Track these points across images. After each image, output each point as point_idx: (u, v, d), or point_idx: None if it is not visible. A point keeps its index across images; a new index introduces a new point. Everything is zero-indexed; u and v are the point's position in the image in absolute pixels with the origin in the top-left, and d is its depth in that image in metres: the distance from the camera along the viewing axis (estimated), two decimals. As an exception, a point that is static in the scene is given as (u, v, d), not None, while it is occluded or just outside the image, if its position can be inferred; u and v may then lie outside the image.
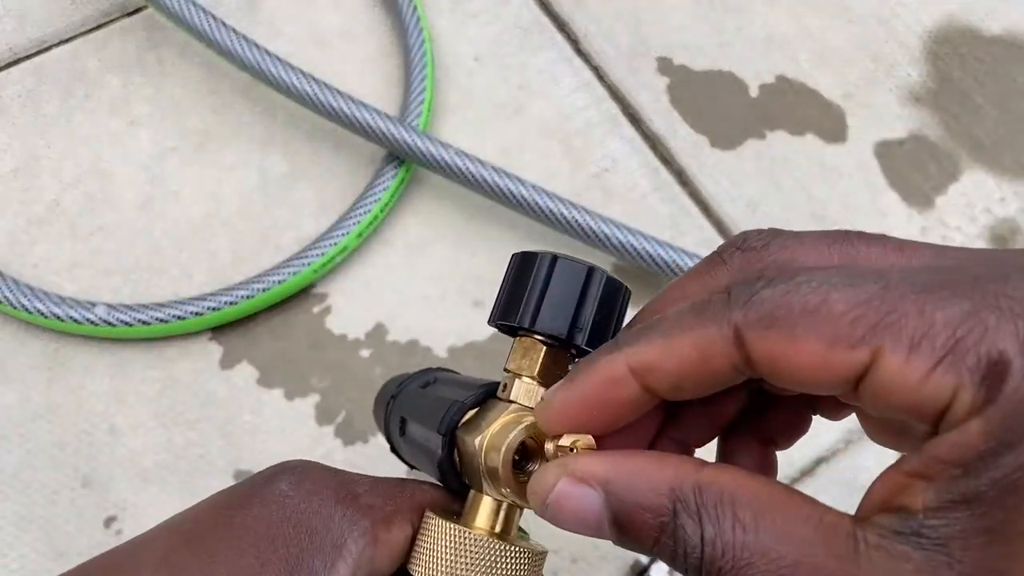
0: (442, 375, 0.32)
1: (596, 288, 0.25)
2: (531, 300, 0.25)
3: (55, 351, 0.52)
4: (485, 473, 0.25)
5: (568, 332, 0.25)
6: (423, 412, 0.29)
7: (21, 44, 0.61)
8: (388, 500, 0.26)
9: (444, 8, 0.62)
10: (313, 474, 0.27)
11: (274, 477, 0.27)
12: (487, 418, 0.25)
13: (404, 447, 0.31)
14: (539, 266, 0.25)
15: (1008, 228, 0.56)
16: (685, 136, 0.58)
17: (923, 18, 0.62)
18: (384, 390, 0.35)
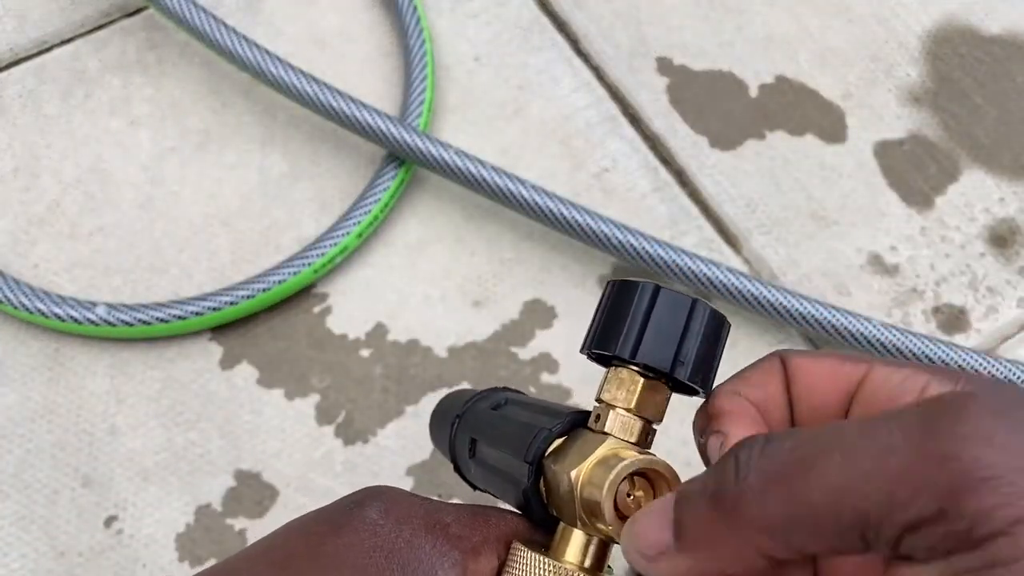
0: (513, 396, 0.32)
1: (700, 321, 0.25)
2: (632, 330, 0.25)
3: (55, 351, 0.52)
4: (581, 507, 0.24)
5: (671, 365, 0.24)
6: (501, 436, 0.28)
7: (21, 44, 0.61)
8: (475, 530, 0.26)
9: (444, 8, 0.63)
10: (402, 502, 0.26)
11: (363, 503, 0.26)
12: (580, 450, 0.25)
13: (474, 469, 0.30)
14: (640, 295, 0.25)
15: (1007, 228, 0.56)
16: (685, 136, 0.58)
17: (923, 18, 0.62)
18: (445, 407, 0.35)
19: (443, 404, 0.36)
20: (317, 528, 0.26)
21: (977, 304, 0.53)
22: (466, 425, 0.31)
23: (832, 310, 0.50)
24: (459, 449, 0.31)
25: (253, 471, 0.49)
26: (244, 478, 0.49)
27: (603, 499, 0.23)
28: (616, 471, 0.23)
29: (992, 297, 0.54)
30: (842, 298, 0.53)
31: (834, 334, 0.50)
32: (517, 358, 0.52)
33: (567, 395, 0.51)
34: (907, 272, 0.54)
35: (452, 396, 0.36)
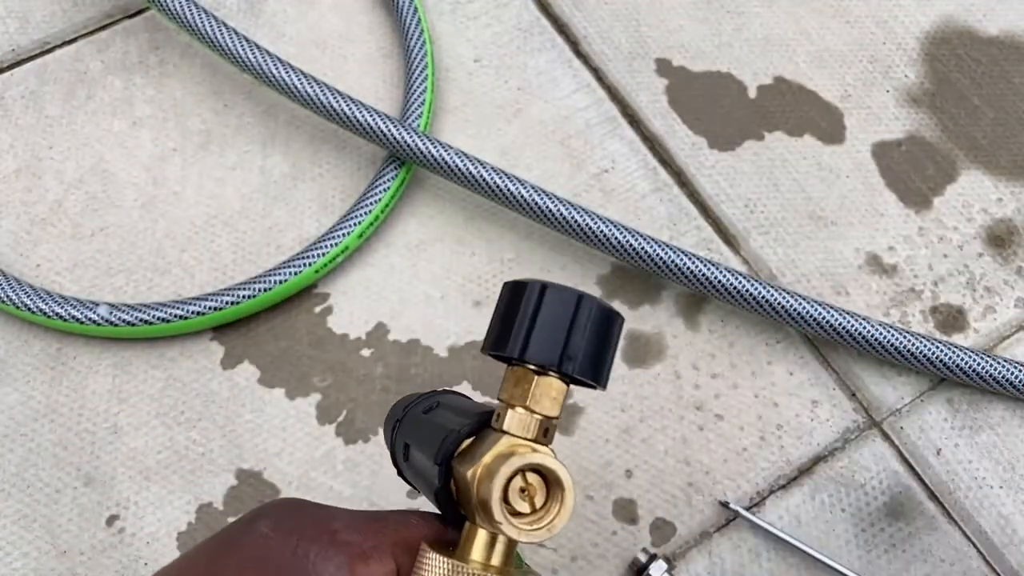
0: (446, 399, 0.32)
1: (586, 316, 0.25)
2: (521, 329, 0.25)
3: (58, 351, 0.52)
4: (477, 505, 0.25)
5: (559, 361, 0.25)
6: (424, 439, 0.29)
7: (24, 45, 0.61)
8: (367, 536, 0.27)
9: (444, 10, 0.63)
10: (294, 513, 0.28)
11: (254, 520, 0.28)
12: (481, 448, 0.25)
13: (408, 472, 0.31)
14: (528, 295, 0.25)
15: (1005, 228, 0.56)
16: (684, 137, 0.58)
17: (921, 20, 0.63)
18: (392, 412, 0.36)
19: (392, 409, 0.36)
20: (214, 548, 0.27)
21: (975, 304, 0.54)
22: (402, 430, 0.32)
23: (830, 310, 0.50)
24: (397, 453, 0.32)
25: (254, 470, 0.49)
26: (245, 477, 0.49)
27: (492, 496, 0.24)
28: (504, 467, 0.24)
29: (990, 297, 0.54)
30: (840, 298, 0.54)
31: (832, 334, 0.50)
32: (517, 358, 0.52)
33: (567, 394, 0.51)
34: (905, 272, 0.54)
35: (399, 402, 0.36)
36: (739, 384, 0.51)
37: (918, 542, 0.48)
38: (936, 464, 0.49)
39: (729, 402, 0.51)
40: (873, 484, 0.49)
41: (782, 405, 0.51)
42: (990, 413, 0.51)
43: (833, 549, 0.47)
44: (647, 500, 0.49)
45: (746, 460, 0.49)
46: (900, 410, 0.51)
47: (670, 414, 0.50)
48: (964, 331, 0.53)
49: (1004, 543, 0.48)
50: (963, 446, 0.50)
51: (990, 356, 0.49)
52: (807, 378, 0.51)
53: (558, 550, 0.47)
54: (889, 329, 0.50)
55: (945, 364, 0.49)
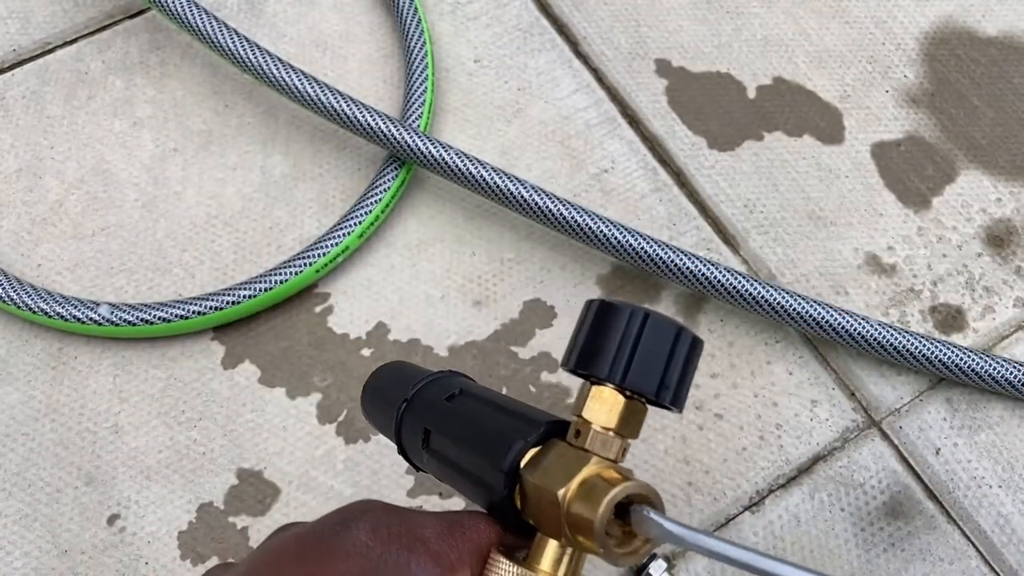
0: (464, 384, 0.32)
1: (684, 348, 0.26)
2: (622, 355, 0.26)
3: (59, 350, 0.52)
4: (567, 524, 0.25)
5: (656, 391, 0.26)
6: (467, 436, 0.29)
7: (25, 45, 0.61)
8: (453, 546, 0.27)
9: (444, 10, 0.63)
10: (386, 519, 0.27)
11: (348, 524, 0.27)
12: (563, 466, 0.26)
13: (427, 459, 0.31)
14: (631, 320, 0.26)
15: (1004, 228, 0.56)
16: (683, 137, 0.59)
17: (920, 20, 0.63)
18: (385, 384, 0.35)
19: (381, 380, 0.36)
20: (310, 554, 0.26)
21: (974, 304, 0.54)
22: (416, 413, 0.31)
23: (830, 310, 0.50)
24: (408, 436, 0.32)
25: (255, 469, 0.49)
26: (246, 476, 0.49)
27: (596, 522, 0.24)
28: (610, 497, 0.24)
29: (989, 297, 0.54)
30: (840, 298, 0.54)
31: (832, 334, 0.50)
32: (517, 357, 0.52)
33: (567, 394, 0.51)
34: (904, 272, 0.55)
35: (390, 373, 0.36)
36: (738, 384, 0.51)
37: (917, 541, 0.48)
38: (935, 463, 0.50)
39: (728, 401, 0.51)
40: (872, 483, 0.49)
41: (781, 405, 0.51)
42: (989, 413, 0.51)
43: (832, 548, 0.47)
44: (647, 499, 0.49)
45: (745, 459, 0.49)
46: (899, 410, 0.51)
47: (669, 414, 0.51)
48: (963, 331, 0.53)
49: (1003, 542, 0.48)
50: (962, 446, 0.50)
51: (989, 356, 0.50)
52: (806, 378, 0.52)
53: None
54: (888, 329, 0.50)
55: (944, 364, 0.49)
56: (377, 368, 0.37)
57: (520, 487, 0.27)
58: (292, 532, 0.28)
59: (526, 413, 0.29)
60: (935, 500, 0.49)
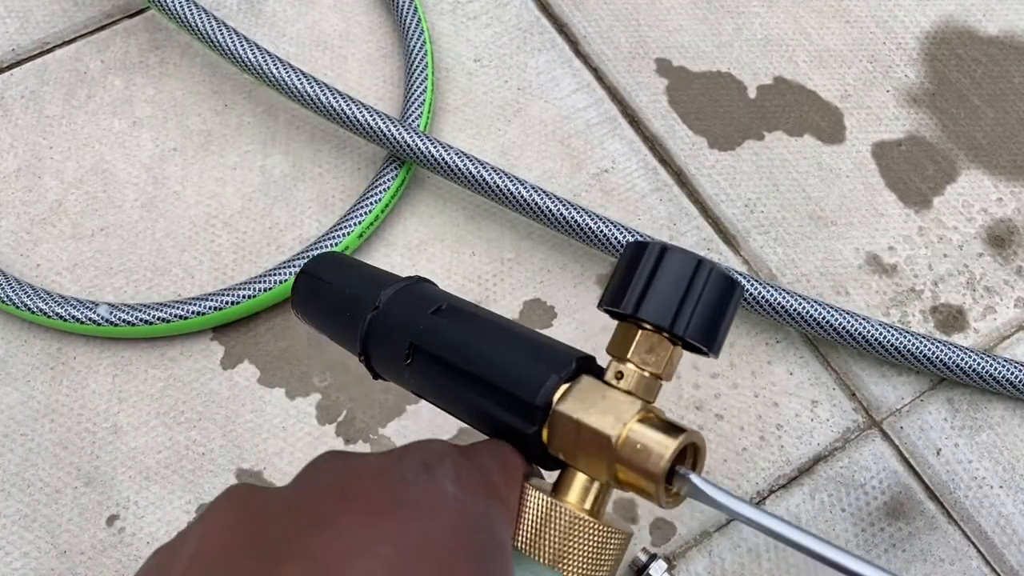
0: (442, 294, 0.31)
1: (703, 281, 0.26)
2: (636, 288, 0.26)
3: (58, 351, 0.52)
4: (618, 466, 0.26)
5: (671, 322, 0.26)
6: (471, 359, 0.28)
7: (24, 45, 0.61)
8: (513, 488, 0.26)
9: (444, 10, 0.63)
10: (463, 465, 0.24)
11: (433, 471, 0.23)
12: (609, 407, 0.26)
13: (409, 375, 0.29)
14: (648, 255, 0.27)
15: (1005, 228, 0.56)
16: (684, 137, 0.58)
17: (920, 19, 0.63)
18: (327, 279, 0.32)
19: (323, 274, 0.33)
20: (396, 507, 0.22)
21: (975, 304, 0.54)
22: (393, 324, 0.29)
23: (830, 310, 0.50)
24: (381, 348, 0.30)
25: (255, 470, 0.49)
26: (246, 477, 0.49)
27: (659, 471, 0.25)
28: (676, 446, 0.25)
29: (990, 297, 0.54)
30: (840, 298, 0.54)
31: (832, 334, 0.50)
32: (517, 357, 0.52)
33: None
34: (905, 272, 0.54)
35: (336, 268, 0.33)
36: (739, 384, 0.51)
37: (918, 542, 0.48)
38: (936, 464, 0.49)
39: (729, 402, 0.51)
40: (873, 484, 0.49)
41: (782, 405, 0.51)
42: (990, 413, 0.51)
43: (833, 549, 0.47)
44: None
45: (746, 460, 0.49)
46: (900, 410, 0.51)
47: (670, 414, 0.50)
48: (964, 331, 0.53)
49: (1004, 543, 0.48)
50: (963, 446, 0.50)
51: (990, 356, 0.49)
52: (807, 378, 0.51)
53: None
54: (889, 329, 0.50)
55: (945, 364, 0.49)
56: (314, 259, 0.34)
57: (550, 421, 0.26)
58: (354, 468, 0.23)
59: (538, 340, 0.29)
60: (936, 501, 0.49)
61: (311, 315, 0.33)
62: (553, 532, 0.26)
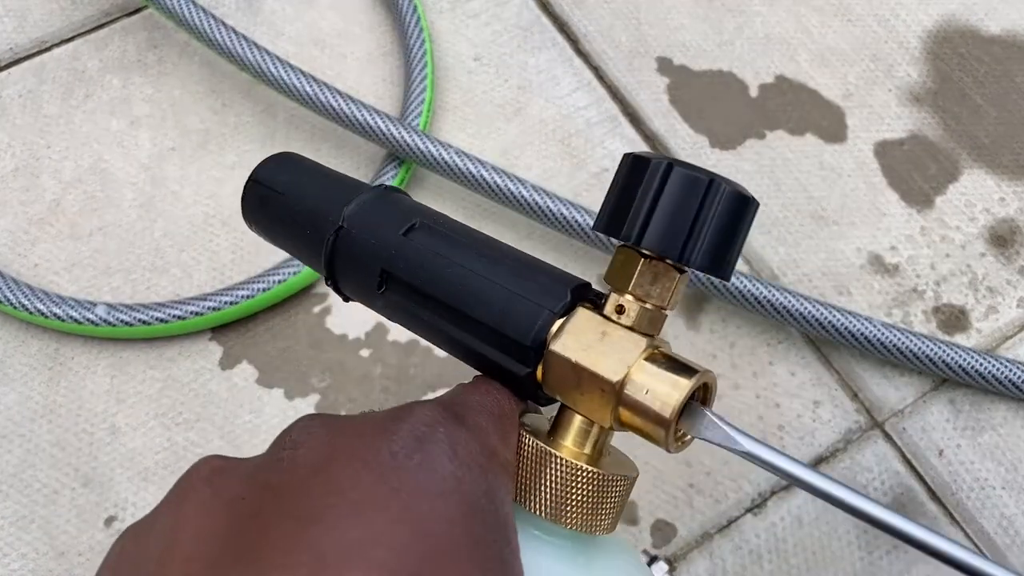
0: (414, 207, 0.27)
1: (714, 204, 0.24)
2: (639, 213, 0.23)
3: (55, 351, 0.52)
4: (621, 408, 0.23)
5: (680, 254, 0.23)
6: (451, 290, 0.25)
7: (21, 44, 0.61)
8: (511, 448, 0.23)
9: (444, 8, 0.63)
10: (460, 436, 0.22)
11: (427, 448, 0.21)
12: (609, 347, 0.23)
13: (383, 304, 0.26)
14: (651, 174, 0.23)
15: (1008, 228, 0.56)
16: (685, 136, 0.58)
17: (923, 18, 0.62)
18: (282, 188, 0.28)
19: (278, 181, 0.29)
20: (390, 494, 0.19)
21: (977, 304, 0.53)
22: (359, 245, 0.26)
23: (832, 310, 0.50)
24: (349, 274, 0.27)
25: (253, 471, 0.49)
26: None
27: (669, 415, 0.22)
28: (686, 391, 0.23)
29: (992, 297, 0.54)
30: (842, 298, 0.53)
31: (834, 334, 0.50)
32: (517, 358, 0.52)
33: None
34: (907, 272, 0.54)
35: (292, 173, 0.29)
36: (740, 385, 0.51)
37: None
38: (938, 465, 0.49)
39: (730, 403, 0.51)
40: (875, 485, 0.49)
41: (784, 406, 0.51)
42: (993, 414, 0.50)
43: (835, 550, 0.47)
44: (648, 501, 0.48)
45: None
46: (902, 411, 0.51)
47: (671, 415, 0.50)
48: (966, 331, 0.53)
49: (1007, 544, 0.47)
50: (965, 447, 0.50)
51: (993, 356, 0.49)
52: (809, 379, 0.51)
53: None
54: (891, 329, 0.49)
55: (947, 364, 0.49)
56: (265, 163, 0.30)
57: (544, 360, 0.24)
58: (340, 446, 0.21)
59: (527, 266, 0.25)
60: (938, 502, 0.48)
61: (266, 230, 0.29)
62: (549, 483, 0.23)
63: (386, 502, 0.19)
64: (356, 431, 0.21)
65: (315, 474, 0.20)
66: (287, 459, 0.21)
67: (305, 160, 0.30)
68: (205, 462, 0.22)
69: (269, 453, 0.22)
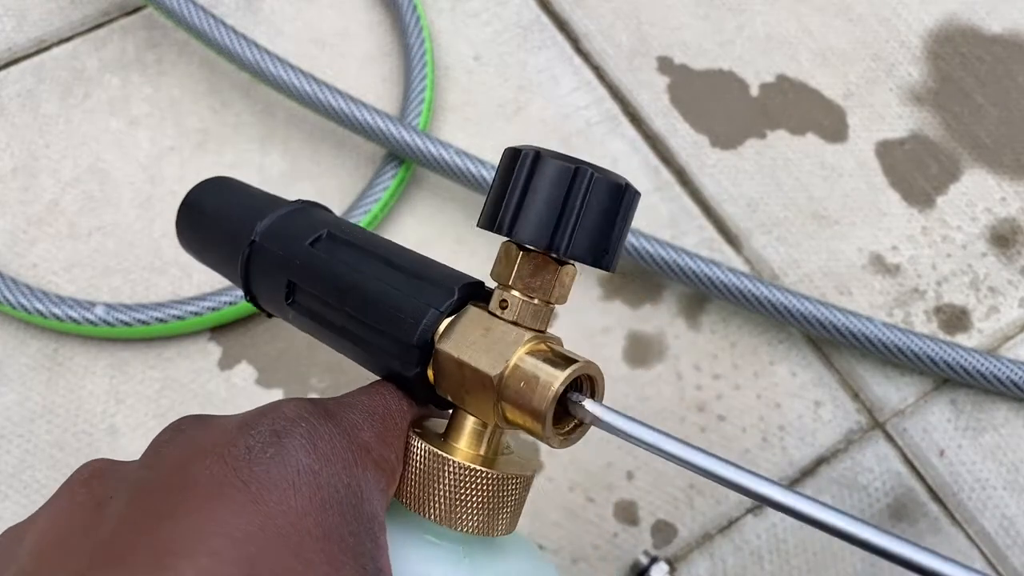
0: (326, 219, 0.27)
1: (629, 207, 0.23)
2: (510, 204, 0.23)
3: (54, 351, 0.52)
4: (503, 405, 0.23)
5: (549, 242, 0.23)
6: (347, 295, 0.25)
7: (20, 43, 0.61)
8: (391, 444, 0.23)
9: (444, 7, 0.62)
10: (320, 428, 0.22)
11: (283, 441, 0.21)
12: (491, 341, 0.23)
13: (293, 316, 0.27)
14: (520, 165, 0.23)
15: (1009, 228, 0.55)
16: (685, 135, 0.58)
17: (924, 17, 0.62)
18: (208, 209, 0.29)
19: (205, 203, 0.29)
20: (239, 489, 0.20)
21: (979, 304, 0.53)
22: (270, 259, 0.27)
23: (833, 310, 0.49)
24: (262, 285, 0.27)
25: (252, 471, 0.49)
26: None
27: (544, 410, 0.22)
28: (559, 383, 0.22)
29: (994, 297, 0.53)
30: (843, 298, 0.53)
31: (835, 334, 0.49)
32: (517, 358, 0.52)
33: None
34: (908, 272, 0.54)
35: (217, 195, 0.30)
36: (741, 385, 0.51)
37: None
38: (939, 465, 0.49)
39: (731, 403, 0.50)
40: (876, 486, 0.49)
41: (784, 406, 0.50)
42: (994, 414, 0.50)
43: (836, 551, 0.47)
44: (648, 502, 0.48)
45: (748, 462, 0.49)
46: (903, 411, 0.50)
47: (671, 415, 0.50)
48: (968, 331, 0.52)
49: (1008, 545, 0.47)
50: (967, 447, 0.49)
51: (994, 357, 0.49)
52: (810, 379, 0.51)
53: (559, 552, 0.47)
54: (892, 329, 0.49)
55: (949, 365, 0.49)
56: (196, 187, 0.30)
57: (434, 360, 0.24)
58: (201, 442, 0.21)
59: (423, 269, 0.25)
60: (939, 502, 0.48)
61: (196, 252, 0.30)
62: (441, 487, 0.23)
63: (233, 494, 0.19)
64: (221, 427, 0.22)
65: (176, 471, 0.21)
66: (155, 456, 0.22)
67: (237, 184, 0.31)
68: (88, 465, 0.23)
69: (145, 452, 0.22)
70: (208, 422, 0.23)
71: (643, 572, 0.45)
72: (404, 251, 0.27)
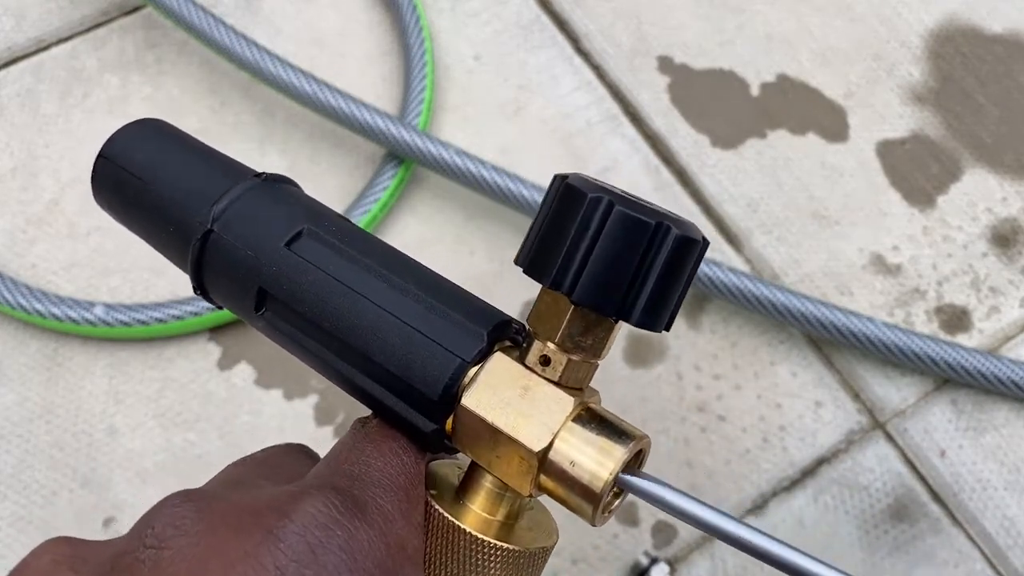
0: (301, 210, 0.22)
1: (661, 254, 0.19)
2: (573, 258, 0.19)
3: (54, 351, 0.52)
4: (542, 475, 0.20)
5: (618, 311, 0.19)
6: (346, 324, 0.21)
7: (20, 43, 0.61)
8: (413, 523, 0.20)
9: (444, 7, 0.62)
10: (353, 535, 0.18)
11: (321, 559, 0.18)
12: (531, 404, 0.20)
13: (264, 326, 0.22)
14: (587, 212, 0.19)
15: (1010, 228, 0.55)
16: (686, 135, 0.58)
17: (925, 17, 0.62)
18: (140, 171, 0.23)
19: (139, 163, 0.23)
20: None
21: (979, 304, 0.53)
22: (232, 257, 0.22)
23: (834, 310, 0.49)
24: (221, 286, 0.23)
25: (252, 472, 0.49)
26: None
27: (601, 488, 0.19)
28: (619, 462, 0.19)
29: (994, 297, 0.53)
30: (844, 298, 0.53)
31: (836, 334, 0.49)
32: (517, 358, 0.51)
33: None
34: (909, 272, 0.54)
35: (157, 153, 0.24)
36: (742, 385, 0.51)
37: (922, 544, 0.47)
38: (940, 466, 0.49)
39: (732, 403, 0.50)
40: (877, 486, 0.49)
41: (785, 406, 0.50)
42: (995, 414, 0.50)
43: (837, 551, 0.47)
44: (649, 502, 0.48)
45: (749, 462, 0.49)
46: (904, 411, 0.50)
47: (672, 416, 0.50)
48: (968, 331, 0.52)
49: (1008, 545, 0.47)
50: (967, 447, 0.49)
51: (995, 357, 0.49)
52: (810, 379, 0.51)
53: (560, 553, 0.47)
54: (893, 329, 0.49)
55: (949, 365, 0.49)
56: (119, 133, 0.24)
57: (456, 416, 0.20)
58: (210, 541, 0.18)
59: (437, 294, 0.21)
60: (940, 502, 0.48)
61: (121, 218, 0.24)
62: (456, 559, 0.21)
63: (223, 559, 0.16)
64: (235, 525, 0.18)
65: None
66: (149, 560, 0.17)
67: (170, 130, 0.25)
68: (46, 550, 0.19)
69: (129, 543, 0.18)
70: (212, 513, 0.18)
71: (643, 573, 0.45)
72: (408, 263, 0.22)
